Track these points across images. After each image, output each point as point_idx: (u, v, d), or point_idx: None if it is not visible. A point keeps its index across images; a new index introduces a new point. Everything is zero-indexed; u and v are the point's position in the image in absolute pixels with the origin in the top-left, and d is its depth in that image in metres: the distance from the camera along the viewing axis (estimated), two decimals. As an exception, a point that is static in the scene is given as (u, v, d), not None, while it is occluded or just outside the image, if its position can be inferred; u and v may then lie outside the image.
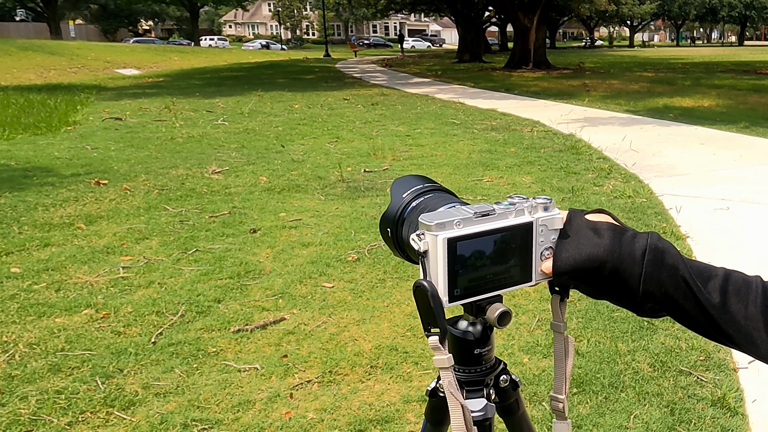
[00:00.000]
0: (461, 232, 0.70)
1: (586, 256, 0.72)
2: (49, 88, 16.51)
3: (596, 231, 0.73)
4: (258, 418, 2.41)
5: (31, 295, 3.49)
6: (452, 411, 0.73)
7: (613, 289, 0.74)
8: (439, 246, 0.69)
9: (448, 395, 0.73)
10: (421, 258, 0.71)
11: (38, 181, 6.05)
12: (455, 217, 0.71)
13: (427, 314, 0.71)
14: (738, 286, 0.72)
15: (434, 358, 0.73)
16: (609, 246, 0.72)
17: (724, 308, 0.71)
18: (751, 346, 0.71)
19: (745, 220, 4.84)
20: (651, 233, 0.74)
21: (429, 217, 0.71)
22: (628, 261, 0.71)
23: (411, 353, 2.90)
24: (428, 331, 0.72)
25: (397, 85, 18.15)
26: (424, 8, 41.86)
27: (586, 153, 7.43)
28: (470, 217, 0.71)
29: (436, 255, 0.70)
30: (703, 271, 0.73)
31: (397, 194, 0.88)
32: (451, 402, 0.73)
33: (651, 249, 0.72)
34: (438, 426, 0.93)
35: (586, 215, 0.76)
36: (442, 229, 0.70)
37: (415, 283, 0.71)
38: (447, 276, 0.70)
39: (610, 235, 0.73)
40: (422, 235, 0.71)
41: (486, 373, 0.85)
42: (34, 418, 2.38)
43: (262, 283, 3.70)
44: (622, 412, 2.44)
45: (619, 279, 0.72)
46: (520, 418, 0.93)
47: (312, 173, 6.54)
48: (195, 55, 35.84)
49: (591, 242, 0.72)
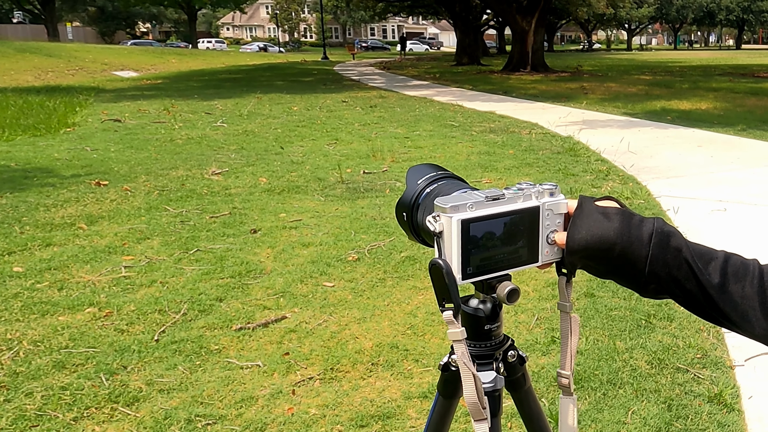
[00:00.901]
0: (474, 214, 0.76)
1: (597, 238, 0.77)
2: (47, 89, 16.53)
3: (606, 215, 0.78)
4: (261, 413, 2.44)
5: (35, 293, 3.52)
6: (465, 381, 0.78)
7: (620, 270, 0.78)
8: (453, 227, 0.75)
9: (461, 365, 0.78)
10: (437, 238, 0.77)
11: (39, 182, 6.08)
12: (468, 200, 0.76)
13: (441, 291, 0.77)
14: (736, 267, 0.76)
15: (448, 332, 0.78)
16: (618, 229, 0.77)
17: (723, 288, 0.75)
18: (747, 324, 0.75)
19: (742, 221, 4.88)
20: (656, 218, 0.79)
21: (444, 201, 0.76)
22: (636, 243, 0.76)
23: (411, 351, 2.93)
24: (443, 306, 0.77)
25: (395, 87, 18.20)
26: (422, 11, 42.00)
27: (584, 155, 7.47)
28: (482, 201, 0.77)
29: (450, 235, 0.75)
30: (704, 253, 0.78)
31: (412, 181, 0.93)
32: (464, 372, 0.78)
33: (657, 233, 0.77)
34: (450, 398, 0.98)
35: (595, 201, 0.81)
36: (456, 211, 0.75)
37: (430, 261, 0.76)
38: (461, 255, 0.76)
39: (619, 219, 0.77)
40: (438, 217, 0.76)
41: (495, 347, 0.91)
42: (40, 413, 2.41)
43: (263, 283, 3.73)
44: (620, 408, 2.47)
45: (626, 260, 0.77)
46: (527, 392, 0.99)
47: (311, 174, 6.57)
48: (193, 57, 35.88)
49: (602, 225, 0.77)
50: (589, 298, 3.49)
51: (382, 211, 5.18)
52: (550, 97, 14.92)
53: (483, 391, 0.80)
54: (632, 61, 37.86)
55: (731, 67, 28.67)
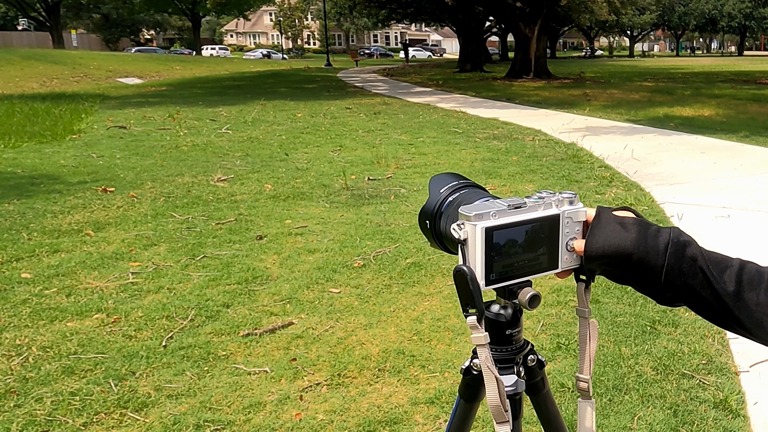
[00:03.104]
0: (497, 222, 0.79)
1: (615, 247, 0.80)
2: (52, 96, 16.62)
3: (624, 225, 0.81)
4: (269, 419, 2.46)
5: (43, 299, 3.54)
6: (488, 384, 0.81)
7: (637, 278, 0.81)
8: (477, 234, 0.78)
9: (484, 369, 0.81)
10: (461, 245, 0.79)
11: (45, 189, 6.12)
12: (491, 209, 0.79)
13: (465, 296, 0.79)
14: (752, 275, 0.79)
15: (472, 336, 0.81)
16: (635, 240, 0.79)
17: (738, 296, 0.78)
18: (760, 332, 0.78)
19: (746, 227, 4.89)
20: (673, 228, 0.82)
21: (468, 209, 0.79)
22: (652, 254, 0.79)
23: (418, 357, 2.95)
24: (467, 312, 0.79)
25: (398, 94, 18.25)
26: (425, 18, 42.08)
27: (588, 161, 7.49)
28: (504, 209, 0.80)
29: (474, 242, 0.78)
30: (720, 261, 0.80)
31: (435, 190, 0.95)
32: (487, 376, 0.81)
33: (673, 243, 0.79)
34: (471, 402, 1.00)
35: (613, 211, 0.84)
36: (480, 219, 0.78)
37: (455, 268, 0.79)
38: (484, 261, 0.79)
39: (636, 230, 0.80)
40: (462, 225, 0.79)
41: (516, 352, 0.94)
42: (50, 418, 2.43)
43: (270, 289, 3.75)
44: (626, 414, 2.49)
45: (643, 269, 0.80)
46: (545, 396, 1.01)
47: (316, 181, 6.60)
48: (197, 64, 36.04)
49: (619, 235, 0.80)
50: (594, 305, 3.51)
51: (387, 217, 5.20)
52: (553, 103, 14.95)
53: (505, 395, 0.82)
54: (634, 67, 37.90)
55: (733, 73, 28.69)
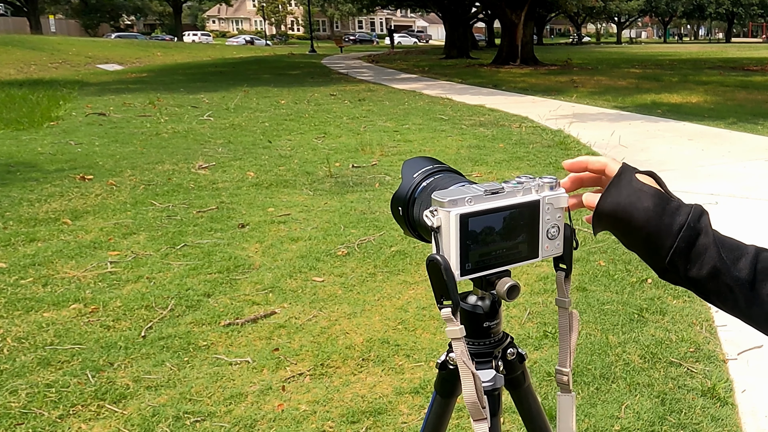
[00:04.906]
0: (472, 209, 0.73)
1: (627, 214, 0.75)
2: (30, 83, 16.32)
3: (642, 192, 0.76)
4: (251, 410, 2.40)
5: (18, 289, 3.45)
6: (464, 380, 0.76)
7: (642, 250, 0.78)
8: (451, 221, 0.72)
9: (460, 364, 0.76)
10: (434, 233, 0.74)
11: (22, 177, 5.98)
12: (467, 194, 0.74)
13: (440, 287, 0.74)
14: (766, 264, 0.74)
15: (446, 329, 0.76)
16: (651, 212, 0.74)
17: (751, 285, 0.73)
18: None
19: (734, 214, 4.89)
20: (694, 207, 0.76)
21: (442, 195, 0.74)
22: (664, 231, 0.74)
23: (402, 346, 2.90)
24: (441, 303, 0.74)
25: (384, 81, 18.13)
26: (411, 4, 41.84)
27: (575, 148, 7.47)
28: (481, 195, 0.75)
29: (449, 230, 0.73)
30: (734, 248, 0.75)
31: (408, 174, 0.90)
32: (463, 371, 0.76)
33: (689, 227, 0.74)
34: (447, 397, 0.96)
35: (636, 173, 0.78)
36: (455, 205, 0.73)
37: (428, 257, 0.73)
38: (459, 250, 0.74)
39: (653, 201, 0.75)
40: (435, 212, 0.73)
41: (494, 345, 0.89)
42: (25, 411, 2.35)
43: (252, 278, 3.68)
44: (613, 403, 2.46)
45: (651, 244, 0.76)
46: (526, 391, 0.98)
47: (300, 168, 6.51)
48: (178, 50, 35.59)
49: (635, 203, 0.75)
50: (581, 292, 3.48)
51: (372, 205, 5.14)
52: (540, 90, 14.92)
53: (483, 390, 0.78)
54: (622, 54, 37.96)
55: (721, 60, 28.81)
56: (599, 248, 4.09)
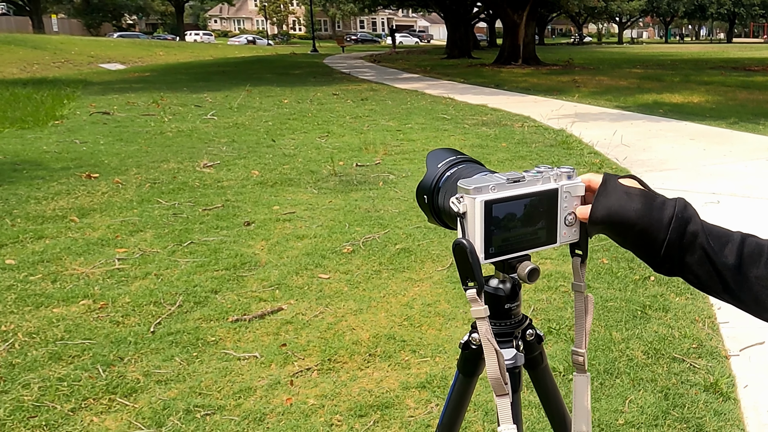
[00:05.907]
0: (496, 196, 0.78)
1: (619, 216, 0.80)
2: (33, 82, 16.36)
3: (629, 195, 0.81)
4: (259, 404, 2.44)
5: (28, 286, 3.49)
6: (488, 357, 0.80)
7: (637, 247, 0.82)
8: (477, 207, 0.77)
9: (484, 342, 0.80)
10: (460, 219, 0.78)
11: (28, 175, 6.02)
12: (490, 182, 0.78)
13: (465, 270, 0.78)
14: (752, 249, 0.78)
15: (472, 309, 0.80)
16: (640, 210, 0.79)
17: (738, 270, 0.77)
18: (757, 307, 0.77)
19: (735, 213, 4.92)
20: (678, 200, 0.81)
21: (467, 182, 0.78)
22: (655, 226, 0.79)
23: (408, 342, 2.93)
24: (466, 285, 0.79)
25: (386, 80, 18.15)
26: (412, 4, 41.85)
27: (578, 148, 7.49)
28: (503, 183, 0.79)
29: (474, 216, 0.77)
30: (721, 236, 0.80)
31: (433, 165, 0.95)
32: (487, 348, 0.80)
33: (677, 217, 0.79)
34: (470, 376, 1.00)
35: (619, 179, 0.83)
36: (480, 192, 0.77)
37: (454, 242, 0.77)
38: (483, 235, 0.78)
39: (641, 201, 0.80)
40: (461, 198, 0.78)
41: (515, 326, 0.94)
42: (38, 404, 2.39)
43: (258, 275, 3.71)
44: (617, 397, 2.49)
45: (644, 240, 0.80)
46: (543, 370, 1.02)
47: (304, 167, 6.55)
48: (180, 50, 35.63)
49: (624, 205, 0.80)
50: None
51: (376, 203, 5.17)
52: (542, 90, 14.95)
53: (505, 367, 0.82)
54: (623, 54, 37.94)
55: (722, 60, 28.78)
56: (602, 246, 4.13)
